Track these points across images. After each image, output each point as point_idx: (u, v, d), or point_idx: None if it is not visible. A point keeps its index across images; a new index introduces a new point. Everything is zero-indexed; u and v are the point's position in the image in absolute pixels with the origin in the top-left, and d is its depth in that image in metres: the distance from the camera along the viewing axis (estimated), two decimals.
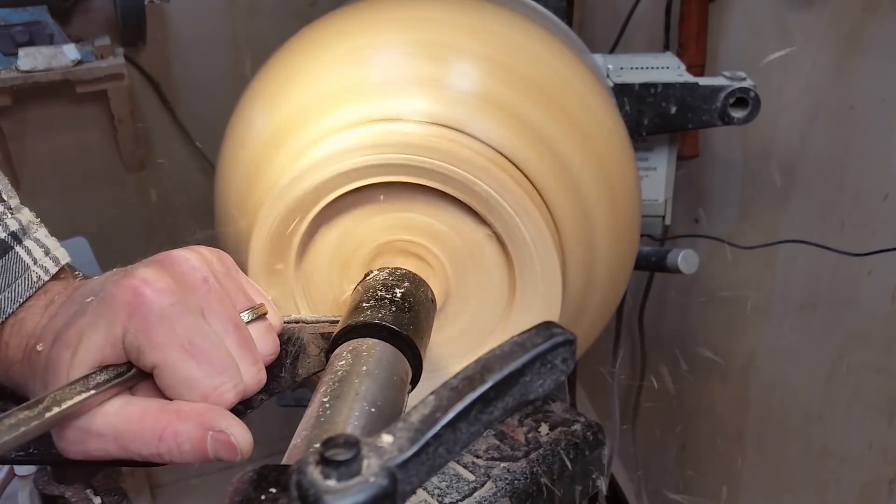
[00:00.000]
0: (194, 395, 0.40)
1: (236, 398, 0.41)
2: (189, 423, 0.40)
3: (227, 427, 0.40)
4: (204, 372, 0.40)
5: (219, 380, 0.41)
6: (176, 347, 0.40)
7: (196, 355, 0.40)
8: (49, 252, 0.49)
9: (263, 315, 0.46)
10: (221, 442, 0.40)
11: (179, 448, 0.40)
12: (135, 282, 0.41)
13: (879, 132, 0.90)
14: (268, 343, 0.46)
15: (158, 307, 0.40)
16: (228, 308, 0.43)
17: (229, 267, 0.47)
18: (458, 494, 0.53)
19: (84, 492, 0.56)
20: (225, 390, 0.41)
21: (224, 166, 0.65)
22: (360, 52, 0.59)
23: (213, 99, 1.25)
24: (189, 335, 0.40)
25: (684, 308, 1.37)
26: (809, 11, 0.99)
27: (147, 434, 0.40)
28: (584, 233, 0.59)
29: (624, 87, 0.85)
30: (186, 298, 0.41)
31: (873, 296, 0.93)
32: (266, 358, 0.46)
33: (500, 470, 0.54)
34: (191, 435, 0.40)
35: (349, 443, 0.27)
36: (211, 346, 0.41)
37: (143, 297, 0.40)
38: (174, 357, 0.40)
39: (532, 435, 0.57)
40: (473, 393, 0.30)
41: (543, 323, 0.33)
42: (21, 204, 0.51)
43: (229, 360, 0.41)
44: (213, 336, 0.41)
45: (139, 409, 0.41)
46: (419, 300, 0.52)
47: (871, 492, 0.97)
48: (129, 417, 0.40)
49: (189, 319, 0.40)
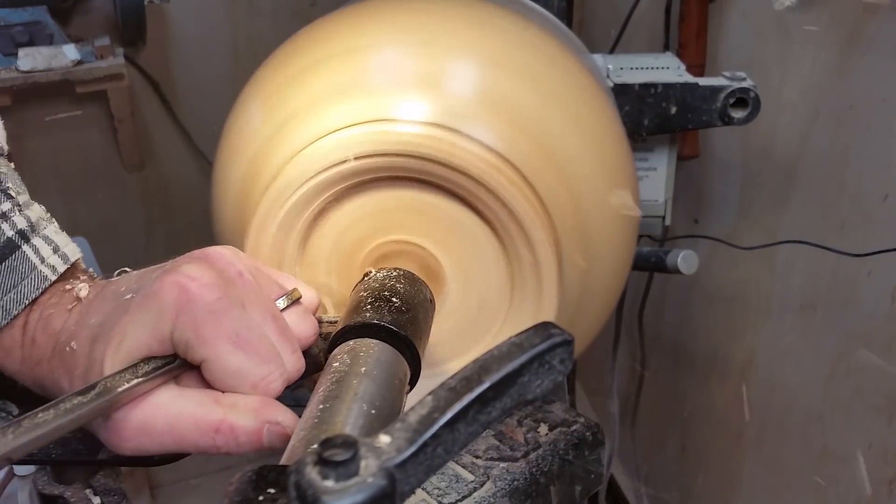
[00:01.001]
0: (244, 386, 0.41)
1: (283, 385, 0.42)
2: (246, 415, 0.41)
3: (283, 419, 0.42)
4: (252, 363, 0.41)
5: (266, 369, 0.42)
6: (224, 340, 0.41)
7: (244, 347, 0.41)
8: (58, 249, 0.48)
9: (298, 300, 0.47)
10: (277, 433, 0.42)
11: (237, 440, 0.41)
12: (181, 278, 0.41)
13: (879, 132, 0.90)
14: (306, 325, 0.47)
15: (206, 302, 0.41)
16: (265, 300, 0.44)
17: (256, 262, 0.48)
18: (457, 495, 0.53)
19: (83, 492, 0.56)
20: (273, 379, 0.42)
21: (222, 166, 0.65)
22: (359, 53, 0.59)
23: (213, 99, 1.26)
24: (236, 328, 0.41)
25: (684, 308, 1.37)
26: (809, 11, 0.99)
27: (204, 426, 0.41)
28: (581, 233, 0.59)
29: (624, 88, 0.85)
30: (229, 291, 0.42)
31: (873, 296, 0.93)
32: (307, 340, 0.47)
33: (499, 470, 0.54)
34: (248, 428, 0.41)
35: (347, 443, 0.27)
36: (256, 338, 0.42)
37: (189, 293, 0.41)
38: (223, 350, 0.41)
39: (531, 435, 0.57)
40: (471, 393, 0.30)
41: (541, 323, 0.33)
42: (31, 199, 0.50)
43: (273, 349, 0.42)
44: (256, 327, 0.42)
45: (194, 402, 0.42)
46: (418, 300, 0.52)
47: (871, 492, 0.97)
48: (184, 410, 0.41)
49: (235, 312, 0.41)
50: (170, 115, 1.60)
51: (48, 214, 0.51)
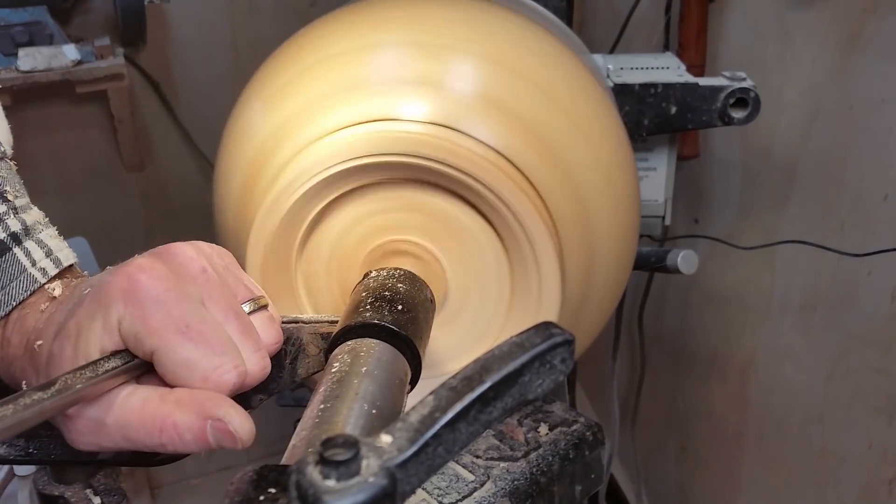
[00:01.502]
0: (194, 377, 0.40)
1: (238, 379, 0.41)
2: (188, 412, 0.40)
3: (225, 415, 0.40)
4: (202, 353, 0.40)
5: (218, 360, 0.40)
6: (172, 330, 0.40)
7: (193, 337, 0.40)
8: (51, 253, 0.48)
9: (265, 306, 0.46)
10: (220, 430, 0.40)
11: (181, 438, 0.40)
12: (130, 269, 0.41)
13: (879, 132, 0.90)
14: (271, 332, 0.46)
15: (154, 292, 0.40)
16: (228, 297, 0.43)
17: (228, 262, 0.47)
18: (457, 494, 0.53)
19: (84, 492, 0.56)
20: (225, 370, 0.40)
21: (223, 165, 0.65)
22: (360, 53, 0.59)
23: (213, 99, 1.26)
24: (185, 318, 0.40)
25: (684, 308, 1.37)
26: (809, 11, 0.99)
27: (149, 425, 0.40)
28: (582, 233, 0.59)
29: (624, 88, 0.85)
30: (184, 286, 0.41)
31: (873, 296, 0.93)
32: (270, 347, 0.45)
33: (499, 470, 0.54)
34: (190, 424, 0.40)
35: (348, 443, 0.27)
36: (209, 329, 0.41)
37: (137, 283, 0.40)
38: (171, 340, 0.40)
39: (532, 435, 0.57)
40: (472, 393, 0.30)
41: (542, 323, 0.32)
42: (31, 203, 0.50)
43: (229, 342, 0.41)
44: (211, 320, 0.41)
45: (140, 399, 0.41)
46: (418, 300, 0.52)
47: (871, 492, 0.97)
48: (132, 408, 0.40)
49: (186, 305, 0.40)
50: (170, 115, 1.60)
51: (46, 219, 0.50)
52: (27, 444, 0.48)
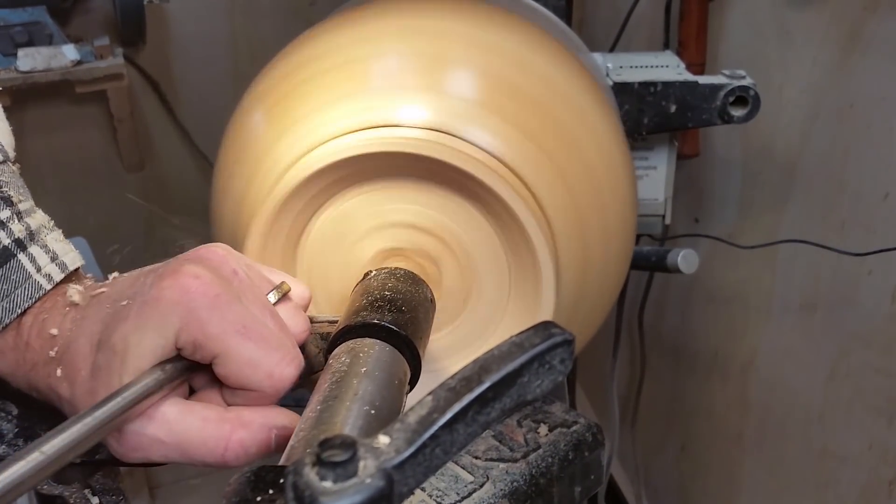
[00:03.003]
0: (260, 375, 0.41)
1: (297, 371, 0.42)
2: (253, 428, 0.41)
3: (290, 423, 0.42)
4: (262, 351, 0.41)
5: (278, 354, 0.42)
6: (232, 333, 0.41)
7: (252, 337, 0.41)
8: (56, 258, 0.48)
9: (287, 294, 0.47)
10: (286, 438, 0.42)
11: (246, 453, 0.41)
12: (181, 279, 0.41)
13: (880, 131, 0.90)
14: (298, 321, 0.47)
15: (209, 300, 0.41)
16: (260, 295, 0.44)
17: (245, 258, 0.48)
18: (456, 495, 0.53)
19: (82, 492, 0.56)
20: (286, 364, 0.42)
21: (222, 169, 0.65)
22: (359, 58, 0.59)
23: (213, 99, 1.26)
24: (241, 320, 0.41)
25: (684, 308, 1.37)
26: (809, 10, 0.99)
27: (212, 444, 0.41)
28: (578, 234, 0.59)
29: (624, 86, 0.85)
30: (229, 287, 0.42)
31: (873, 296, 0.93)
32: (299, 336, 0.46)
33: (499, 471, 0.54)
34: (257, 439, 0.41)
35: (346, 444, 0.27)
36: (261, 327, 0.42)
37: (191, 293, 0.41)
38: (233, 342, 0.41)
39: (531, 436, 0.57)
40: (471, 394, 0.30)
41: (541, 323, 0.32)
42: (35, 206, 0.50)
43: (279, 337, 0.43)
44: (260, 317, 0.42)
45: (199, 417, 0.42)
46: (418, 300, 0.52)
47: (871, 492, 0.97)
48: (191, 426, 0.41)
49: (237, 307, 0.41)
50: (169, 115, 1.60)
51: (51, 223, 0.50)
52: (26, 443, 0.48)
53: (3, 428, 0.49)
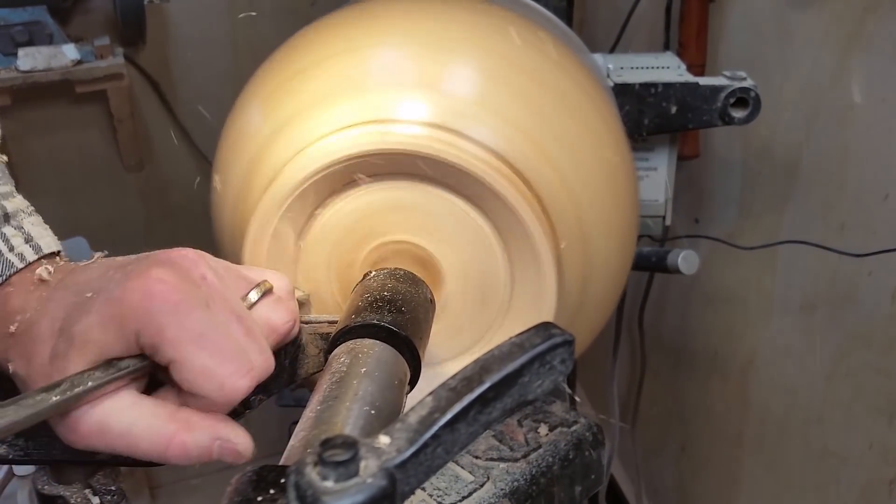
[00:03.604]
0: (212, 385, 0.42)
1: (251, 382, 0.43)
2: (197, 433, 0.42)
3: (234, 437, 0.43)
4: (216, 361, 0.41)
5: (232, 366, 0.42)
6: (187, 342, 0.41)
7: (207, 346, 0.41)
8: (31, 240, 0.49)
9: (269, 290, 0.47)
10: (227, 450, 0.43)
11: (187, 454, 0.42)
12: (145, 282, 0.41)
13: (880, 132, 0.90)
14: (280, 314, 0.47)
15: (169, 305, 0.41)
16: (229, 301, 0.44)
17: (222, 261, 0.48)
18: (457, 495, 0.53)
19: (83, 492, 0.56)
20: (239, 375, 0.42)
21: (221, 166, 0.65)
22: (358, 53, 0.59)
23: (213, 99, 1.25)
24: (199, 328, 0.41)
25: (684, 308, 1.37)
26: (809, 11, 0.99)
27: (156, 439, 0.42)
28: (580, 233, 0.59)
29: (624, 87, 0.85)
30: (194, 293, 0.42)
31: (873, 296, 0.93)
32: (283, 327, 0.47)
33: (499, 471, 0.54)
34: (199, 444, 0.42)
35: (347, 443, 0.27)
36: (220, 336, 0.42)
37: (153, 297, 0.41)
38: (187, 351, 0.41)
39: (531, 435, 0.57)
40: (472, 394, 0.30)
41: (542, 323, 0.32)
42: (15, 192, 0.50)
43: (238, 346, 0.43)
44: (222, 326, 0.43)
45: (149, 412, 0.42)
46: (418, 301, 0.52)
47: (872, 492, 0.97)
48: (139, 420, 0.42)
49: (198, 313, 0.42)
50: (170, 115, 1.60)
51: (30, 208, 0.51)
52: (27, 444, 0.48)
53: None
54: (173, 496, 1.67)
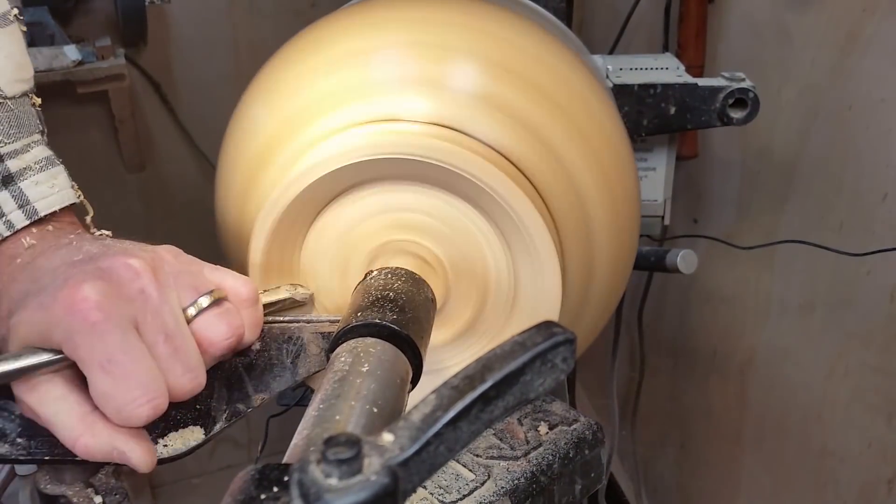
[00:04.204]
0: (109, 409, 0.43)
1: (152, 412, 0.44)
2: (98, 439, 0.44)
3: (129, 451, 0.44)
4: (118, 388, 0.43)
5: (133, 395, 0.43)
6: (95, 364, 0.42)
7: (112, 372, 0.42)
8: (27, 204, 0.49)
9: (220, 300, 0.47)
10: (124, 459, 0.45)
11: (91, 454, 0.44)
12: (71, 296, 0.43)
13: (878, 132, 0.90)
14: (219, 329, 0.47)
15: (86, 326, 0.42)
16: (161, 318, 0.45)
17: (184, 262, 0.48)
18: (458, 493, 0.53)
19: (85, 491, 0.56)
20: (138, 405, 0.43)
21: (224, 166, 0.65)
22: (361, 53, 0.59)
23: (214, 99, 1.25)
24: (109, 352, 0.42)
25: (683, 308, 1.37)
26: (808, 12, 0.99)
27: (67, 434, 0.44)
28: (583, 232, 0.59)
29: (623, 88, 0.85)
30: (118, 312, 0.43)
31: (872, 296, 0.93)
32: (218, 344, 0.47)
33: (500, 469, 0.55)
34: (99, 448, 0.44)
35: (350, 441, 0.27)
36: (130, 362, 0.43)
37: (74, 315, 0.42)
38: (92, 373, 0.43)
39: (532, 434, 0.58)
40: (474, 392, 0.30)
41: (544, 322, 0.33)
42: (31, 144, 0.51)
43: (149, 374, 0.43)
44: (136, 350, 0.43)
45: (68, 408, 0.44)
46: (419, 300, 0.52)
47: (871, 491, 0.97)
48: (59, 413, 0.44)
49: (113, 336, 0.42)
50: (171, 116, 1.60)
51: (43, 161, 0.51)
52: (29, 443, 0.49)
53: (7, 427, 0.49)
54: (175, 495, 1.67)
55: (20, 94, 0.52)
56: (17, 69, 0.51)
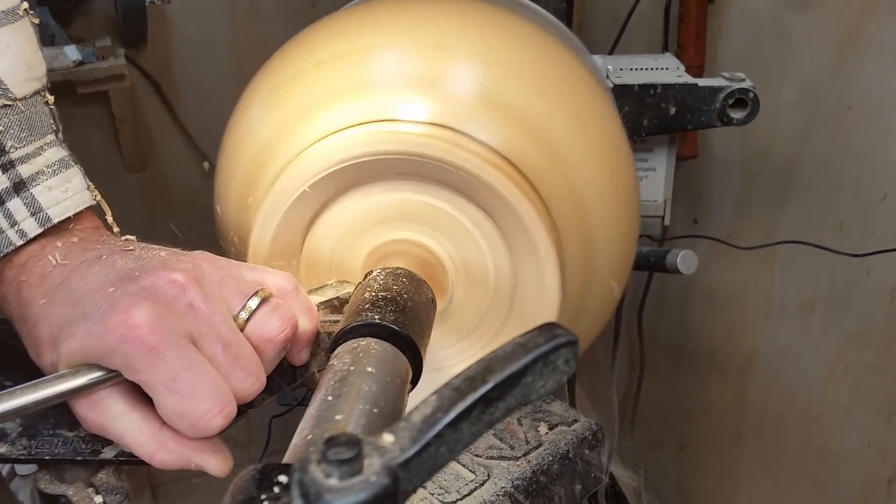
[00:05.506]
0: (184, 426, 0.43)
1: (225, 421, 0.44)
2: (174, 455, 0.45)
3: (205, 464, 0.45)
4: (188, 404, 0.43)
5: (203, 408, 0.43)
6: (160, 386, 0.42)
7: (179, 391, 0.42)
8: (40, 211, 0.48)
9: (267, 298, 0.47)
10: (202, 469, 0.46)
11: (168, 466, 0.45)
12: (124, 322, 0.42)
13: (878, 132, 0.90)
14: (273, 324, 0.47)
15: (145, 351, 0.42)
16: (216, 328, 0.44)
17: (223, 268, 0.48)
18: (458, 493, 0.53)
19: (85, 491, 0.56)
20: (211, 416, 0.43)
21: (224, 166, 0.65)
22: (360, 54, 0.59)
23: (214, 99, 1.25)
24: (173, 372, 0.42)
25: (683, 308, 1.37)
26: (808, 12, 0.99)
27: (142, 451, 0.45)
28: (582, 232, 0.59)
29: (623, 88, 0.85)
30: (173, 331, 0.43)
31: (872, 296, 0.93)
32: (279, 337, 0.47)
33: (500, 469, 0.55)
34: (175, 463, 0.45)
35: (351, 442, 0.27)
36: (195, 377, 0.43)
37: (130, 340, 0.42)
38: (159, 395, 0.43)
39: (532, 434, 0.58)
40: (475, 393, 0.30)
41: (546, 324, 0.33)
42: (43, 147, 0.50)
43: (215, 385, 0.43)
44: (199, 365, 0.43)
45: (136, 427, 0.45)
46: (419, 300, 0.53)
47: (870, 491, 0.97)
48: (128, 429, 0.45)
49: (174, 354, 0.42)
50: (171, 116, 1.60)
51: (57, 165, 0.50)
52: (29, 443, 0.49)
53: (7, 427, 0.49)
54: (175, 495, 1.67)
55: (31, 93, 0.50)
56: (27, 68, 0.50)
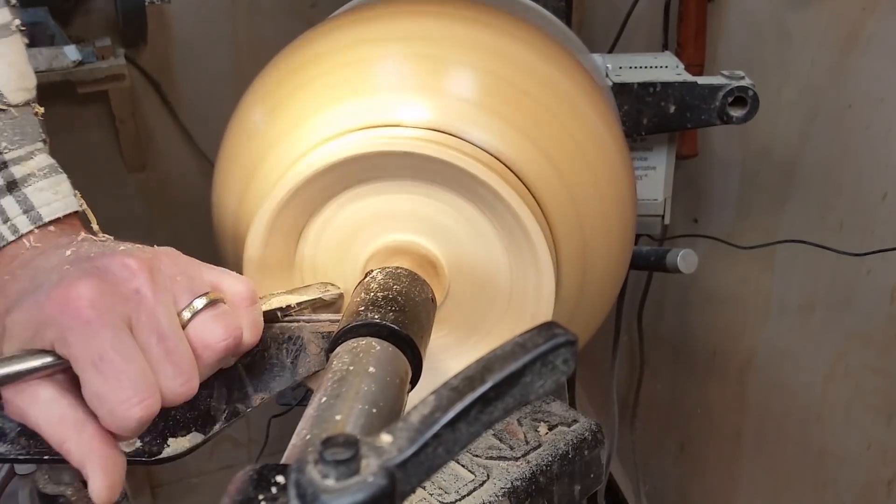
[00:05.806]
0: (101, 410, 0.42)
1: (144, 413, 0.43)
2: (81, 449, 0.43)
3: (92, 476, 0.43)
4: (110, 388, 0.42)
5: (125, 394, 0.42)
6: (87, 363, 0.42)
7: (104, 370, 0.42)
8: (31, 209, 0.49)
9: (216, 302, 0.46)
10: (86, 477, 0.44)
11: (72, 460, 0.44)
12: (66, 294, 0.42)
13: (878, 132, 0.90)
14: (215, 331, 0.46)
15: (79, 323, 0.41)
16: (156, 318, 0.44)
17: (182, 264, 0.47)
18: (457, 494, 0.53)
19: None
20: (131, 405, 0.42)
21: (223, 168, 0.65)
22: (361, 58, 0.59)
23: (214, 99, 1.26)
24: (101, 350, 0.42)
25: (683, 308, 1.37)
26: (808, 11, 0.99)
27: (55, 439, 0.43)
28: (578, 232, 0.59)
29: (623, 87, 0.85)
30: (112, 310, 0.42)
31: (872, 296, 0.93)
32: (218, 345, 0.46)
33: (499, 469, 0.55)
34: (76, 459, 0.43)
35: (348, 442, 0.27)
36: (123, 361, 0.42)
37: (66, 313, 0.42)
38: (85, 372, 0.42)
39: (531, 434, 0.58)
40: (473, 393, 0.30)
41: (545, 323, 0.33)
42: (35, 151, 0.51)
43: (141, 374, 0.43)
44: (129, 350, 0.43)
45: (57, 414, 0.43)
46: (419, 300, 0.53)
47: (870, 492, 0.97)
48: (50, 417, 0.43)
49: (106, 333, 0.42)
50: (171, 116, 1.60)
51: (47, 169, 0.51)
52: (28, 442, 0.49)
53: (6, 427, 0.49)
54: (174, 495, 1.67)
55: (23, 102, 0.52)
56: (20, 78, 0.52)
